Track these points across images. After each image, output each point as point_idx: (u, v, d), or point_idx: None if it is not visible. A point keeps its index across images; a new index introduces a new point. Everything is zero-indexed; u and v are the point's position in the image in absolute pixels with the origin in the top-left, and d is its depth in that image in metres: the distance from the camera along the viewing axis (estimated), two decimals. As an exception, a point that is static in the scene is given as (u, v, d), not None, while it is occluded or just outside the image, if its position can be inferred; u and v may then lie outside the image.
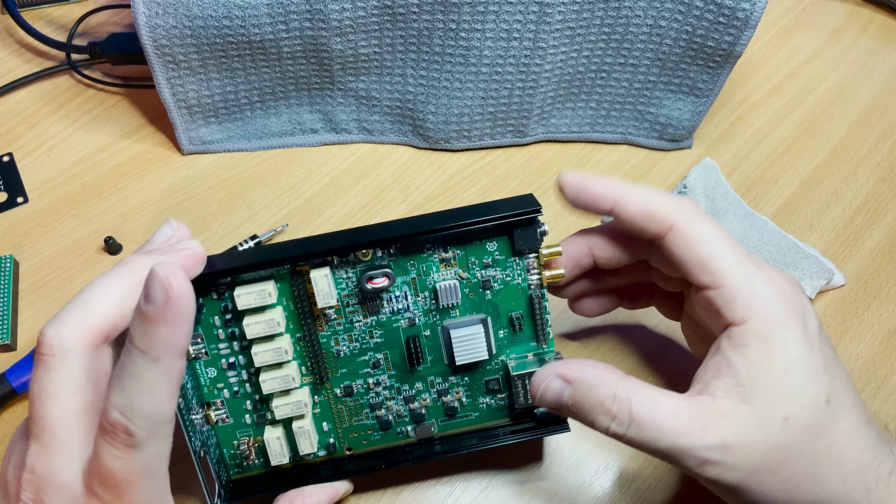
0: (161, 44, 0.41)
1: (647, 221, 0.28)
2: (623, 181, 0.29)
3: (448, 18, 0.41)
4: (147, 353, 0.23)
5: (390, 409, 0.32)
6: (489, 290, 0.31)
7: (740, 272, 0.27)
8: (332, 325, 0.31)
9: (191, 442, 0.29)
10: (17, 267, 0.43)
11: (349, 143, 0.49)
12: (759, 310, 0.27)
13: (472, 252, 0.30)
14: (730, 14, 0.41)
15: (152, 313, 0.22)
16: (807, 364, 0.27)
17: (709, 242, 0.27)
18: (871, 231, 0.46)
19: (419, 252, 0.30)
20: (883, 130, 0.50)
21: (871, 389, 0.39)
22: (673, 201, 0.28)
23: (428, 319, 0.31)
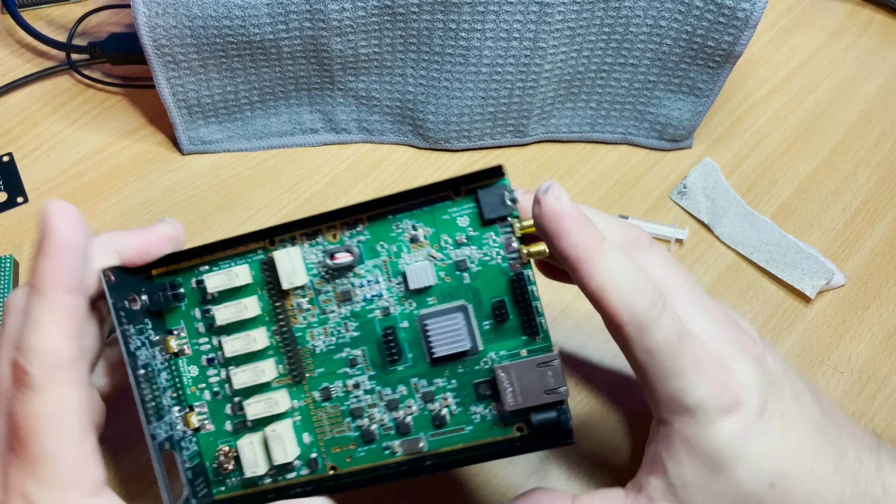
0: (161, 44, 0.41)
1: (598, 305, 0.25)
2: (601, 244, 0.24)
3: (448, 18, 0.41)
4: (35, 288, 0.23)
5: (373, 418, 0.29)
6: (466, 271, 0.28)
7: (672, 386, 0.25)
8: (307, 317, 0.29)
9: (147, 425, 0.27)
10: (17, 267, 0.43)
11: (349, 143, 0.49)
12: (684, 418, 0.25)
13: (443, 228, 0.28)
14: (730, 14, 0.41)
15: (37, 248, 0.23)
16: (739, 458, 0.25)
17: (651, 354, 0.24)
18: (871, 231, 0.45)
19: (388, 232, 0.28)
20: (883, 130, 0.50)
21: (871, 389, 0.39)
22: (632, 297, 0.24)
23: (404, 309, 0.28)
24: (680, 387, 0.24)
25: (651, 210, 0.46)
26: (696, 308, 0.27)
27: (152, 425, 0.28)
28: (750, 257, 0.44)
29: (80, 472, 0.24)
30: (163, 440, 0.28)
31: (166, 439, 0.29)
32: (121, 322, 0.27)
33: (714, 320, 0.27)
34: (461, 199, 0.27)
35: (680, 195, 0.47)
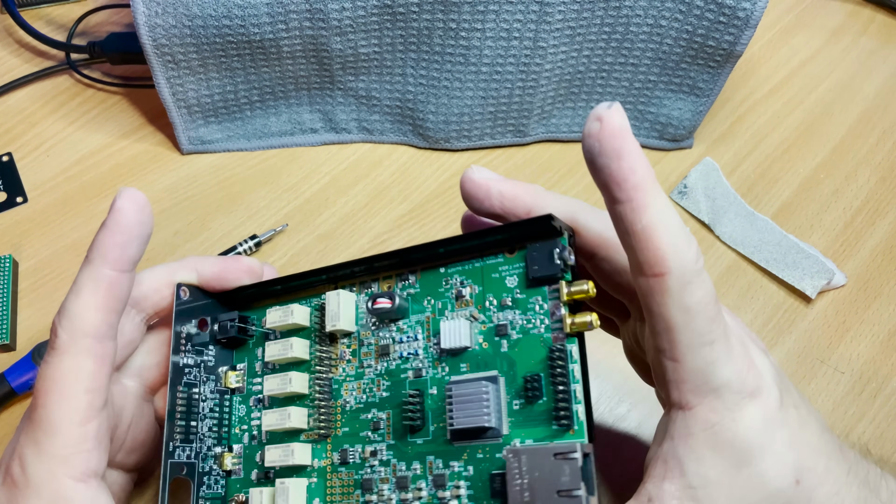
0: (161, 43, 0.41)
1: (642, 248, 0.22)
2: (654, 176, 0.22)
3: (448, 18, 0.41)
4: (85, 258, 0.24)
5: (381, 495, 0.25)
6: (505, 338, 0.24)
7: (703, 356, 0.22)
8: (346, 369, 0.27)
9: (169, 440, 0.27)
10: (17, 267, 0.43)
11: (349, 143, 0.49)
12: (708, 399, 0.23)
13: (490, 287, 0.25)
14: (730, 14, 0.41)
15: (101, 226, 0.24)
16: (765, 449, 0.23)
17: (688, 312, 0.22)
18: (871, 231, 0.45)
19: (437, 286, 0.26)
20: (883, 130, 0.50)
21: (872, 390, 0.39)
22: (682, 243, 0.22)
23: (436, 373, 0.25)
24: (711, 359, 0.22)
25: (651, 210, 0.46)
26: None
27: (174, 442, 0.27)
28: (750, 257, 0.44)
29: (74, 450, 0.23)
30: (182, 464, 0.27)
31: (187, 465, 0.28)
32: (178, 335, 0.28)
33: (728, 312, 0.25)
34: (514, 258, 0.25)
35: (680, 195, 0.47)
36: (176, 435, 0.28)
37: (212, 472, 0.29)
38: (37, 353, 0.37)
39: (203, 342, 0.29)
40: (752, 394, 0.23)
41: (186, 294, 0.29)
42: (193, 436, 0.28)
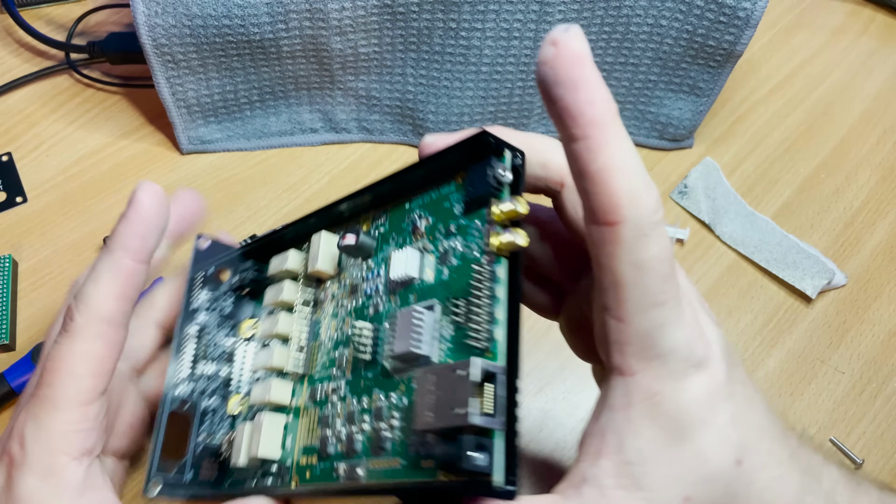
0: (160, 43, 0.41)
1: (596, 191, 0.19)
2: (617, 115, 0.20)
3: (448, 17, 0.41)
4: (105, 247, 0.25)
5: (335, 430, 0.25)
6: (447, 266, 0.23)
7: (652, 318, 0.20)
8: (326, 310, 0.27)
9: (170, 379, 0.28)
10: (16, 267, 0.42)
11: (349, 143, 0.49)
12: (653, 365, 0.21)
13: (441, 216, 0.24)
14: (730, 13, 0.41)
15: (122, 217, 0.25)
16: (707, 424, 0.21)
17: (641, 268, 0.20)
18: (872, 231, 0.45)
19: (401, 221, 0.25)
20: (884, 130, 0.50)
21: (873, 390, 0.39)
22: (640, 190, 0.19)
23: (389, 306, 0.25)
24: (660, 321, 0.20)
25: (651, 210, 0.46)
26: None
27: (178, 378, 0.29)
28: (751, 257, 0.44)
29: (74, 430, 0.24)
30: (186, 398, 0.29)
31: (188, 401, 0.29)
32: (193, 281, 0.30)
33: (684, 275, 0.23)
34: (462, 183, 0.24)
35: (681, 195, 0.47)
36: (181, 368, 0.29)
37: (216, 411, 0.29)
38: (36, 353, 0.37)
39: (222, 291, 0.31)
40: (700, 364, 0.21)
41: (206, 244, 0.31)
42: (199, 375, 0.29)
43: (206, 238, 0.31)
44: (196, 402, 0.29)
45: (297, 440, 0.26)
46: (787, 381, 0.40)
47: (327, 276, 0.28)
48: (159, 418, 0.28)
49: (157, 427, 0.28)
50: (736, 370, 0.23)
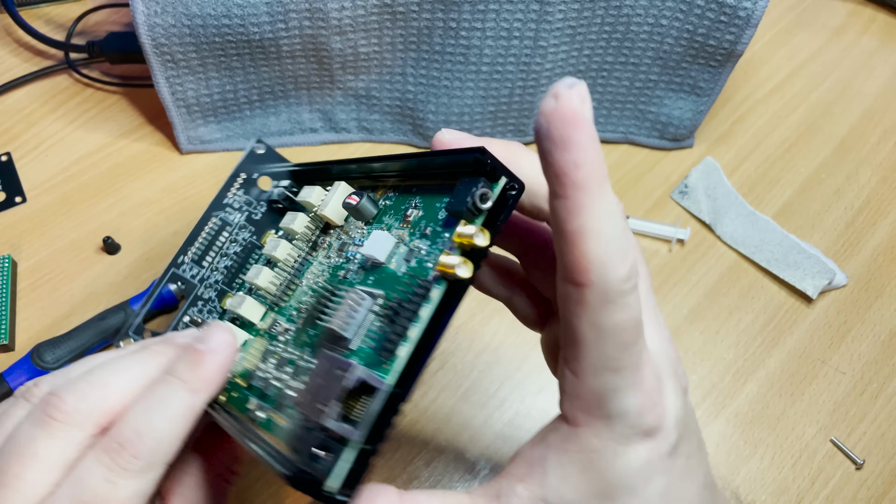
0: (160, 43, 0.41)
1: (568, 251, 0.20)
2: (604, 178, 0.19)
3: (448, 17, 0.41)
4: (187, 383, 0.23)
5: (266, 368, 0.26)
6: (407, 263, 0.23)
7: (605, 381, 0.20)
8: (319, 256, 0.28)
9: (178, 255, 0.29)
10: (16, 267, 0.42)
11: (349, 143, 0.49)
12: (598, 424, 0.21)
13: (429, 215, 0.24)
14: (731, 13, 0.41)
15: (206, 352, 0.24)
16: (636, 493, 0.21)
17: (601, 333, 0.20)
18: (872, 231, 0.45)
19: (401, 205, 0.26)
20: (885, 130, 0.50)
21: (874, 390, 0.39)
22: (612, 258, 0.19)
23: (355, 278, 0.25)
24: (613, 386, 0.20)
25: (652, 210, 0.46)
26: (649, 310, 0.23)
27: (185, 259, 0.30)
28: (751, 257, 0.44)
29: None
30: (187, 279, 0.30)
31: (186, 281, 0.30)
32: (235, 176, 0.31)
33: (660, 331, 0.23)
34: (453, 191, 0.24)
35: (681, 195, 0.46)
36: (189, 252, 0.30)
37: (210, 301, 0.31)
38: (35, 353, 0.37)
39: (256, 197, 0.32)
40: (647, 433, 0.21)
41: (262, 150, 0.32)
42: (206, 263, 0.31)
43: (263, 145, 0.32)
44: (195, 286, 0.31)
45: (244, 360, 0.27)
46: (788, 382, 0.40)
47: (333, 225, 0.29)
48: (154, 288, 0.29)
49: (148, 297, 0.29)
50: (687, 443, 0.23)
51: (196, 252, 0.31)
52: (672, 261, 0.44)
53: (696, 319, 0.42)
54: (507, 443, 0.37)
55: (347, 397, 0.20)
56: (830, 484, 0.37)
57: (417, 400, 0.38)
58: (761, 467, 0.37)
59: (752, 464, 0.37)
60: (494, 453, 0.37)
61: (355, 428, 0.19)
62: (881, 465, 0.37)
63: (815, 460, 0.37)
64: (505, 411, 0.39)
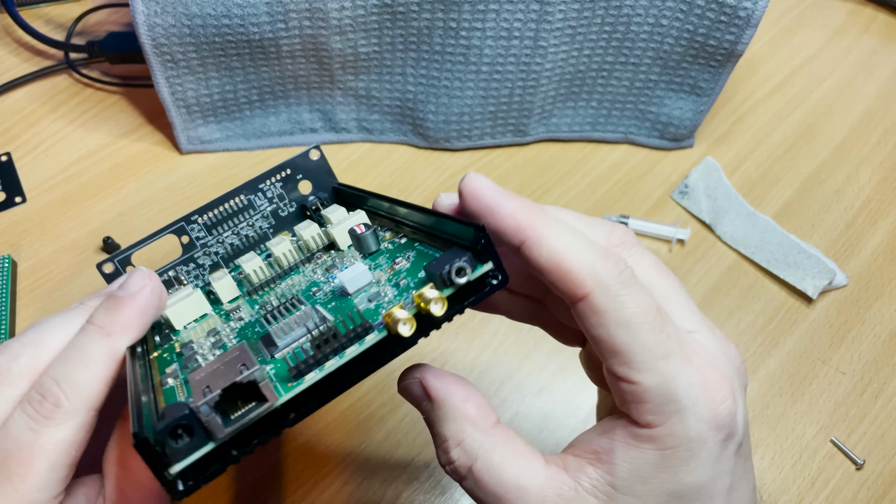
0: (160, 43, 0.41)
1: (557, 279, 0.21)
2: (540, 211, 0.22)
3: (448, 17, 0.41)
4: (103, 328, 0.23)
5: (201, 346, 0.26)
6: (368, 303, 0.23)
7: (661, 371, 0.21)
8: (306, 269, 0.29)
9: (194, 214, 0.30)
10: (15, 267, 0.42)
11: (349, 143, 0.49)
12: (671, 422, 0.21)
13: (412, 270, 0.24)
14: (731, 13, 0.40)
15: (124, 297, 0.24)
16: (704, 490, 0.22)
17: (629, 327, 0.21)
18: (873, 231, 0.45)
19: (401, 251, 0.26)
20: (885, 130, 0.50)
21: (874, 390, 0.39)
22: (594, 261, 0.21)
23: (320, 300, 0.26)
24: (672, 373, 0.21)
25: (652, 210, 0.46)
26: (693, 315, 0.23)
27: (200, 220, 0.30)
28: (751, 257, 0.44)
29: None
30: (190, 235, 0.31)
31: (191, 239, 0.31)
32: (281, 168, 0.31)
33: (710, 331, 0.23)
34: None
35: (681, 195, 0.46)
36: (206, 217, 0.30)
37: (201, 267, 0.31)
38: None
39: (290, 196, 0.32)
40: (719, 427, 0.21)
41: (317, 156, 0.32)
42: (216, 233, 0.31)
43: (319, 152, 0.32)
44: (195, 248, 0.31)
45: (193, 329, 0.28)
46: (788, 382, 0.40)
47: (336, 247, 0.29)
48: (156, 232, 0.30)
49: (147, 237, 0.30)
50: (747, 443, 0.23)
51: (210, 219, 0.31)
52: (672, 261, 0.44)
53: (697, 319, 0.42)
54: (507, 443, 0.37)
55: (236, 394, 0.19)
56: (831, 484, 0.37)
57: (417, 400, 0.38)
58: (761, 467, 0.37)
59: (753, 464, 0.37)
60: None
61: (224, 425, 0.19)
62: (881, 465, 0.37)
63: (816, 460, 0.37)
64: (505, 411, 0.38)
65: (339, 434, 0.37)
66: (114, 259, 0.30)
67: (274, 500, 0.36)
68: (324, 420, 0.38)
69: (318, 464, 0.36)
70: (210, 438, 0.19)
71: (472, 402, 0.23)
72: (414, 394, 0.24)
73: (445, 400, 0.23)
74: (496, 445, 0.22)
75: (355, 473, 0.36)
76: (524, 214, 0.21)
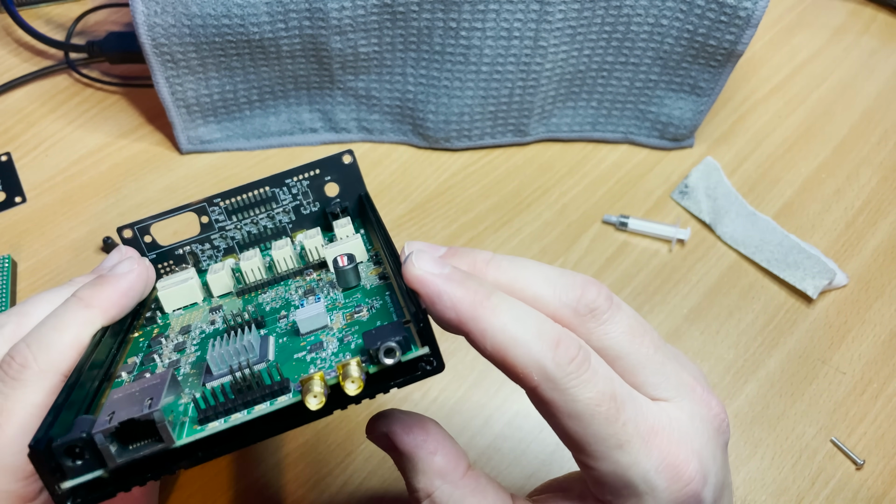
0: (160, 42, 0.41)
1: (504, 370, 0.21)
2: (486, 299, 0.20)
3: (448, 17, 0.41)
4: (82, 300, 0.24)
5: (167, 345, 0.26)
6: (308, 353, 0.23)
7: (615, 461, 0.21)
8: (293, 284, 0.29)
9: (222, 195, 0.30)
10: (16, 267, 0.42)
11: (349, 143, 0.49)
12: (630, 501, 0.21)
13: (365, 324, 0.23)
14: (731, 13, 0.40)
15: (109, 276, 0.25)
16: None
17: (580, 419, 0.20)
18: (873, 231, 0.45)
19: (374, 295, 0.25)
20: (885, 130, 0.50)
21: (874, 390, 0.39)
22: (541, 352, 0.20)
23: (278, 328, 0.25)
24: (627, 462, 0.20)
25: (652, 210, 0.46)
26: (668, 381, 0.22)
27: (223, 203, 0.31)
28: (752, 257, 0.44)
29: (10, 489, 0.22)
30: (211, 220, 0.31)
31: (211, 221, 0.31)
32: (304, 169, 0.31)
33: (690, 392, 0.23)
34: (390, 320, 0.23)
35: (681, 195, 0.46)
36: (228, 202, 0.31)
37: (216, 248, 0.32)
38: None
39: (313, 196, 0.32)
40: (684, 496, 0.21)
41: (350, 160, 0.31)
42: (237, 218, 0.31)
43: (352, 156, 0.31)
44: (213, 230, 0.31)
45: (178, 319, 0.28)
46: (788, 382, 0.40)
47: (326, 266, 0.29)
48: (172, 210, 0.30)
49: (168, 210, 0.30)
50: (727, 490, 0.23)
51: (232, 204, 0.31)
52: (672, 261, 0.44)
53: (696, 319, 0.42)
54: (507, 443, 0.37)
55: (135, 427, 0.19)
56: (830, 484, 0.37)
57: (418, 400, 0.38)
58: (761, 467, 0.37)
59: (753, 464, 0.37)
60: (495, 453, 0.37)
61: (116, 456, 0.19)
62: (881, 465, 0.37)
63: (816, 460, 0.37)
64: (505, 411, 0.38)
65: (340, 434, 0.37)
66: (134, 226, 0.30)
67: (274, 500, 0.36)
68: (324, 420, 0.38)
69: (318, 464, 0.36)
70: (101, 465, 0.19)
71: (441, 452, 0.23)
72: (383, 446, 0.24)
73: (413, 454, 0.23)
74: (465, 497, 0.22)
75: (355, 473, 0.36)
76: (467, 306, 0.20)
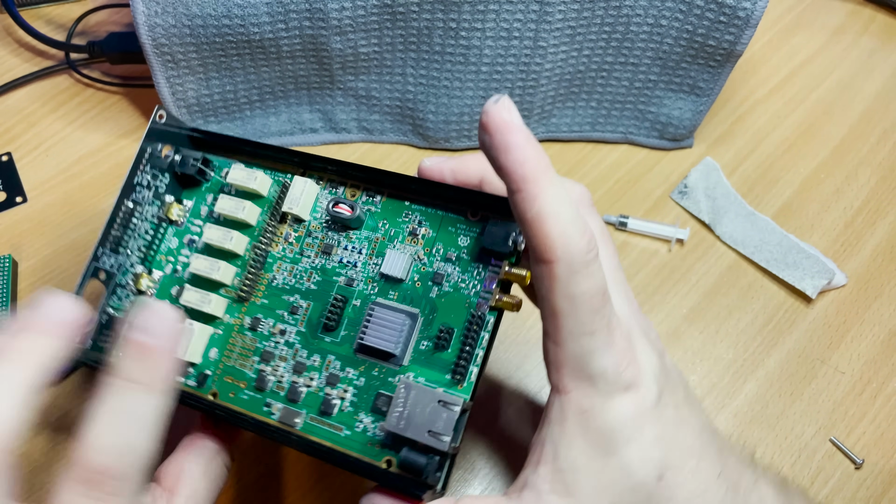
0: (160, 43, 0.41)
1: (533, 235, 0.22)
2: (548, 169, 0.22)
3: (448, 17, 0.41)
4: (147, 385, 0.22)
5: (276, 371, 0.28)
6: (438, 286, 0.27)
7: (582, 344, 0.23)
8: (285, 250, 0.29)
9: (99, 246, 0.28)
10: (16, 267, 0.42)
11: (349, 143, 0.49)
12: (583, 384, 0.23)
13: (443, 237, 0.27)
14: (731, 13, 0.41)
15: (154, 345, 0.22)
16: (631, 441, 0.23)
17: (573, 301, 0.22)
18: (872, 231, 0.45)
19: (397, 215, 0.28)
20: (884, 130, 0.50)
21: (873, 390, 0.39)
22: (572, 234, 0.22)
23: (365, 289, 0.28)
24: (590, 348, 0.23)
25: (652, 210, 0.46)
26: (617, 283, 0.26)
27: (104, 250, 0.29)
28: (751, 257, 0.44)
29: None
30: (104, 269, 0.29)
31: (107, 272, 0.29)
32: (143, 152, 0.30)
33: (628, 301, 0.26)
34: (474, 222, 0.27)
35: (681, 195, 0.47)
36: (107, 243, 0.29)
37: (126, 286, 0.30)
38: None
39: (161, 167, 0.31)
40: (627, 387, 0.24)
41: (163, 118, 0.30)
42: (122, 249, 0.30)
43: (162, 112, 0.30)
44: (114, 275, 0.30)
45: (221, 356, 0.29)
46: (788, 381, 0.40)
47: (299, 221, 0.29)
48: (80, 283, 0.28)
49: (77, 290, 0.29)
50: (672, 395, 0.25)
51: (112, 241, 0.29)
52: (671, 261, 0.44)
53: (696, 319, 0.42)
54: (507, 442, 0.37)
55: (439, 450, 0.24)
56: (830, 483, 0.37)
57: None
58: (761, 467, 0.37)
59: (752, 463, 0.37)
60: (494, 453, 0.37)
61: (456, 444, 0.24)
62: (880, 464, 0.37)
63: (815, 460, 0.37)
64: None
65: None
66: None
67: (274, 500, 0.36)
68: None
69: (318, 464, 0.36)
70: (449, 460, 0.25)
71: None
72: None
73: None
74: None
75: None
76: (532, 167, 0.22)
